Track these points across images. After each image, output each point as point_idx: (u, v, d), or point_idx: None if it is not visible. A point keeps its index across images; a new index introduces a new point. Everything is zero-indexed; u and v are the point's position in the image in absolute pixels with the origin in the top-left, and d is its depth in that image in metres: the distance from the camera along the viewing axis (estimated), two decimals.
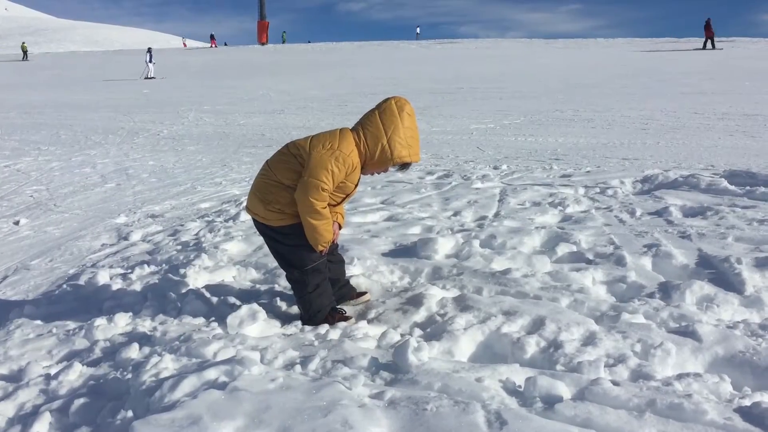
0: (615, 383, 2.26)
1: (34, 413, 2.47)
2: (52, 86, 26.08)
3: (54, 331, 3.33)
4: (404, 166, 3.05)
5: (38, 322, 3.46)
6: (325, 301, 3.18)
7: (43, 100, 19.87)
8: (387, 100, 2.99)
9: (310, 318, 3.18)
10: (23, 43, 52.55)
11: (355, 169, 2.95)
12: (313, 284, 3.13)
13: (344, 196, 3.10)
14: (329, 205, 3.07)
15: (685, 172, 6.57)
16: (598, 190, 6.05)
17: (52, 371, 2.83)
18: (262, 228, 3.16)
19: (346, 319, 3.21)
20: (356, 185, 3.10)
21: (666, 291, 3.28)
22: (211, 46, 54.57)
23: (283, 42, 56.23)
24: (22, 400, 2.59)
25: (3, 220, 6.08)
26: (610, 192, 5.90)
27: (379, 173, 3.13)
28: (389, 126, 2.91)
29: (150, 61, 29.80)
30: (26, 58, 46.54)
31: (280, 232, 3.07)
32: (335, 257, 3.42)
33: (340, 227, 3.32)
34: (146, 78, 28.90)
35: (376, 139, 2.91)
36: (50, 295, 4.01)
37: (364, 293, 3.49)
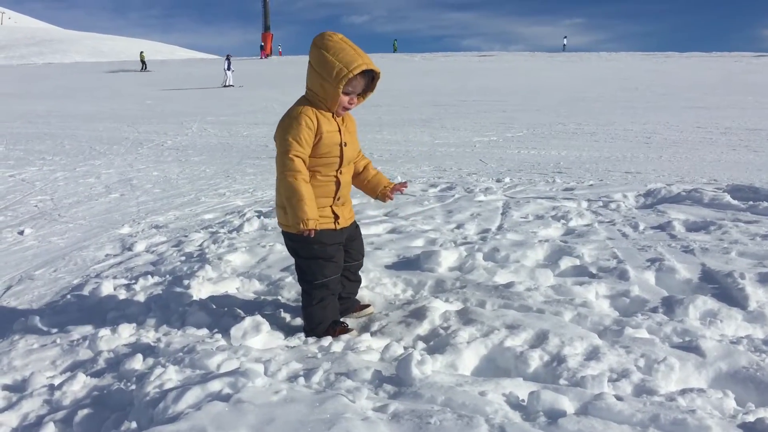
0: (618, 398, 2.25)
1: (38, 424, 2.47)
2: (57, 96, 26.24)
3: (58, 341, 3.33)
4: (369, 84, 2.97)
5: (42, 332, 3.47)
6: (328, 314, 3.17)
7: (47, 110, 19.99)
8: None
9: (312, 330, 3.18)
10: (141, 52, 50.63)
11: (318, 118, 2.91)
12: (318, 297, 3.13)
13: (338, 147, 2.99)
14: (337, 171, 3.02)
15: (687, 186, 6.58)
16: (601, 203, 6.06)
17: (56, 382, 2.83)
18: (285, 238, 3.16)
19: (347, 331, 3.20)
20: (340, 131, 3.00)
21: (669, 306, 3.28)
22: (261, 57, 53.10)
23: (394, 50, 53.50)
24: (26, 411, 2.59)
25: (7, 230, 6.10)
26: (613, 206, 5.91)
27: (352, 104, 2.98)
28: (318, 62, 2.88)
29: (228, 69, 29.72)
30: (145, 68, 45.33)
31: (297, 240, 3.05)
32: (355, 276, 3.42)
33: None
34: (224, 86, 28.75)
35: (315, 80, 2.91)
36: (54, 305, 4.02)
37: (367, 306, 3.49)
